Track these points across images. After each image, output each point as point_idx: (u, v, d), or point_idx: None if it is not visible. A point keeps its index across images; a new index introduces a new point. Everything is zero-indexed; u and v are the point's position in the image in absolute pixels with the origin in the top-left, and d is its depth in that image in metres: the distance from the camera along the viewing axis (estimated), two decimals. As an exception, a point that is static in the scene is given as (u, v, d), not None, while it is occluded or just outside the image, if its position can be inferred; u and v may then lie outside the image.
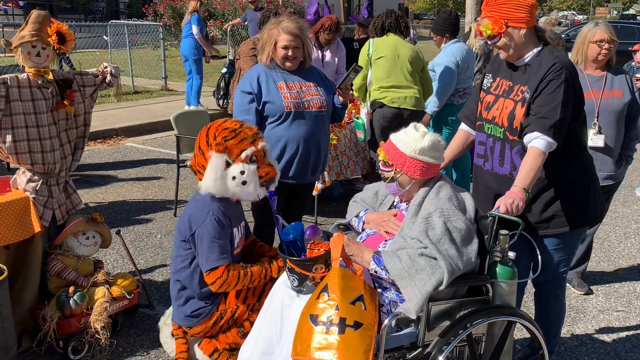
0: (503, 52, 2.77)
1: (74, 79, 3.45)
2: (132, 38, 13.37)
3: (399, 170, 2.62)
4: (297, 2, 20.04)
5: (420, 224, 2.47)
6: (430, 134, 2.63)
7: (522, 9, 2.67)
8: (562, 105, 2.60)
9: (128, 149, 8.28)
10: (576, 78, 2.69)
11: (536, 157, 2.59)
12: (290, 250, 2.78)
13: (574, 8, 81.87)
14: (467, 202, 2.63)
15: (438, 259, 2.36)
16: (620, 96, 3.86)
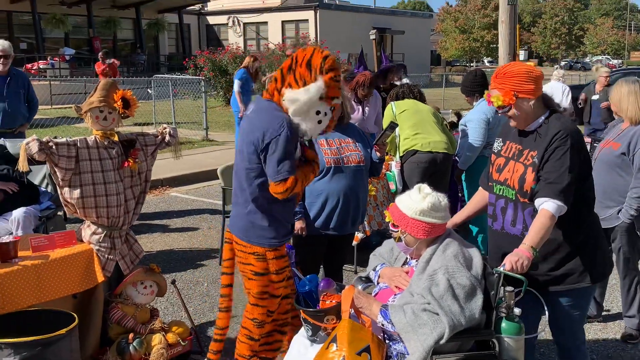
0: (513, 121, 2.92)
1: (137, 139, 3.75)
2: (173, 90, 13.94)
3: (404, 231, 2.78)
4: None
5: (426, 281, 2.61)
6: (432, 196, 2.77)
7: (530, 81, 2.82)
8: (569, 171, 2.74)
9: (173, 199, 8.61)
10: (582, 144, 2.84)
11: (546, 219, 2.71)
12: (306, 301, 2.96)
13: (608, 53, 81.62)
14: (474, 258, 2.74)
15: (440, 314, 2.50)
16: (614, 147, 4.09)
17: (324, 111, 3.02)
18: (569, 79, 34.93)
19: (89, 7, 27.52)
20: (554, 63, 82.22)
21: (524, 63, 2.98)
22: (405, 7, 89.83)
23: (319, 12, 33.56)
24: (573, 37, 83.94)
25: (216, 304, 4.94)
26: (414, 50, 38.57)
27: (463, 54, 53.34)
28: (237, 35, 35.12)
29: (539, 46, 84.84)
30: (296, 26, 33.97)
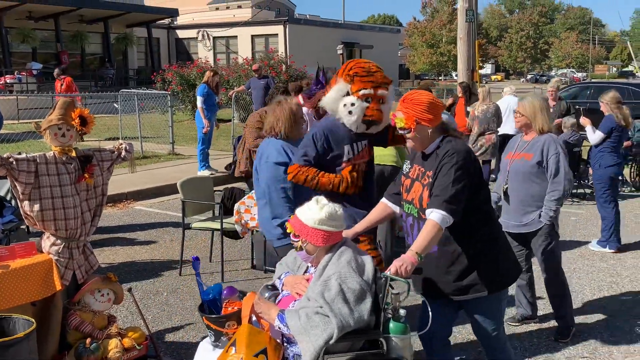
0: (410, 142, 3.19)
1: (93, 155, 3.97)
2: (140, 104, 14.10)
3: (304, 240, 3.00)
4: (299, 69, 20.90)
5: (320, 286, 2.84)
6: (329, 206, 3.01)
7: (431, 111, 3.10)
8: (452, 184, 2.98)
9: (137, 212, 8.79)
10: (470, 162, 3.09)
11: (431, 228, 2.96)
12: (210, 309, 3.18)
13: (573, 66, 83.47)
14: (366, 264, 2.98)
15: (330, 316, 2.73)
16: (528, 158, 4.45)
17: (350, 102, 3.80)
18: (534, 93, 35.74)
19: (57, 21, 27.47)
20: (520, 76, 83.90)
21: (430, 93, 3.22)
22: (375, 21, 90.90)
23: (288, 26, 33.95)
24: (538, 51, 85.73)
25: (174, 312, 5.18)
26: (383, 64, 37.52)
27: (431, 68, 54.22)
28: (207, 49, 35.31)
29: (506, 60, 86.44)
30: (266, 40, 34.30)
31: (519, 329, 4.86)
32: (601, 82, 24.79)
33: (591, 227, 7.87)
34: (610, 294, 5.64)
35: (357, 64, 3.91)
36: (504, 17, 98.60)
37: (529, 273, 4.85)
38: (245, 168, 6.91)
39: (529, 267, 4.86)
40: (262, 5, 39.96)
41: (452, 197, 2.98)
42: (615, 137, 6.78)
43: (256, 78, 14.45)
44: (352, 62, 3.93)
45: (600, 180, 6.86)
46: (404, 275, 2.82)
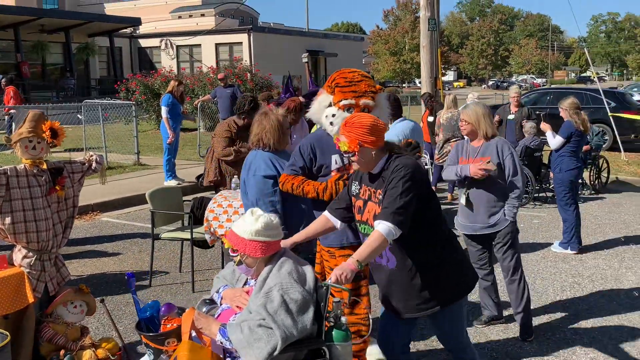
0: (356, 165, 3.21)
1: (64, 167, 3.98)
2: (104, 114, 13.97)
3: (243, 254, 2.99)
4: (264, 77, 20.95)
5: (262, 298, 2.84)
6: (264, 216, 3.02)
7: (374, 133, 3.12)
8: (400, 197, 3.00)
9: (104, 224, 8.72)
10: (419, 175, 3.11)
11: (376, 238, 2.97)
12: (148, 327, 3.13)
13: (532, 72, 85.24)
14: (307, 274, 3.02)
15: (274, 328, 2.74)
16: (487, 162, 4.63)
17: (331, 114, 3.85)
18: (495, 99, 36.46)
19: (17, 31, 27.06)
20: (482, 83, 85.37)
21: (371, 116, 3.26)
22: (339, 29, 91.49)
23: (252, 35, 33.98)
24: (499, 58, 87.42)
25: (146, 322, 5.16)
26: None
27: (395, 75, 54.80)
28: (170, 58, 35.12)
29: (467, 67, 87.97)
30: (230, 49, 34.27)
31: (486, 330, 4.99)
32: (560, 88, 25.44)
33: (553, 230, 8.09)
34: (572, 294, 5.82)
35: (341, 74, 3.95)
36: (465, 24, 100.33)
37: (492, 274, 4.99)
38: (215, 177, 6.93)
39: (492, 269, 5.00)
40: (226, 14, 39.92)
41: (399, 208, 2.99)
42: (574, 142, 7.01)
43: (222, 87, 14.46)
44: (336, 73, 3.97)
45: (561, 183, 7.07)
46: (344, 283, 2.83)
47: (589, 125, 7.39)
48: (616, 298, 5.69)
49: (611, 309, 5.42)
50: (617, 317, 5.24)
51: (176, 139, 10.92)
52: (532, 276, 6.30)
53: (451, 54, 67.69)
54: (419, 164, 3.24)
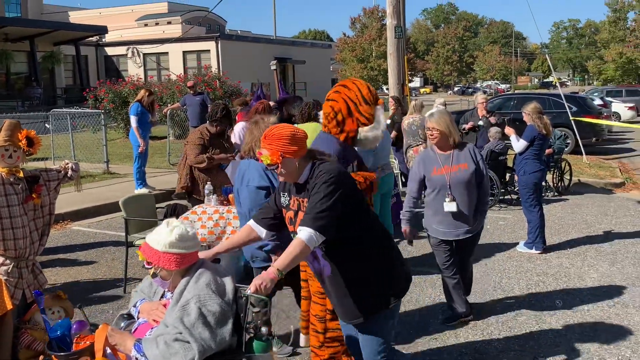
0: (281, 177, 3.19)
1: (40, 175, 4.03)
2: (72, 123, 13.86)
3: (157, 267, 2.92)
4: (233, 85, 21.00)
5: (178, 311, 2.78)
6: (179, 227, 2.93)
7: (294, 143, 3.09)
8: (321, 202, 2.97)
9: (75, 233, 8.69)
10: (343, 179, 3.07)
11: (297, 245, 2.93)
12: (59, 346, 3.00)
13: (497, 78, 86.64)
14: (227, 285, 2.96)
15: (191, 342, 2.70)
16: (466, 168, 4.80)
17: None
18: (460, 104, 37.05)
19: (-21, 40, 26.68)
20: (447, 89, 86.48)
21: (290, 126, 3.23)
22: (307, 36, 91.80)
23: (220, 42, 33.96)
24: (464, 64, 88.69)
25: (122, 328, 5.20)
26: (316, 79, 39.64)
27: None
28: (137, 66, 34.89)
29: (433, 73, 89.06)
30: (198, 56, 34.20)
31: (455, 328, 5.15)
32: (524, 93, 25.95)
33: (518, 231, 8.33)
34: (537, 292, 6.03)
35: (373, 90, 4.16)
36: (430, 31, 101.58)
37: (458, 273, 5.17)
38: (186, 184, 6.98)
39: (457, 268, 5.18)
40: (193, 22, 39.80)
41: (320, 213, 2.96)
42: (537, 145, 7.25)
43: (191, 95, 14.48)
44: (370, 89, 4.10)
45: (525, 185, 7.30)
46: (263, 293, 2.78)
47: (551, 129, 7.63)
48: (579, 295, 5.91)
49: (575, 305, 5.63)
50: (580, 313, 5.45)
51: (146, 146, 10.92)
52: (499, 275, 6.51)
53: (417, 61, 68.48)
54: (344, 170, 3.22)
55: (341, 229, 3.06)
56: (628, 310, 5.50)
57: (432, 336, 4.99)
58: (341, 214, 3.03)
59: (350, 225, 3.11)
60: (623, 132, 23.15)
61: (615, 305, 5.62)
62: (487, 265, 6.84)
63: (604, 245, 7.61)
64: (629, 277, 6.41)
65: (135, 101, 10.84)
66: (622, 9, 60.99)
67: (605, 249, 7.45)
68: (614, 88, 37.16)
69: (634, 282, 6.23)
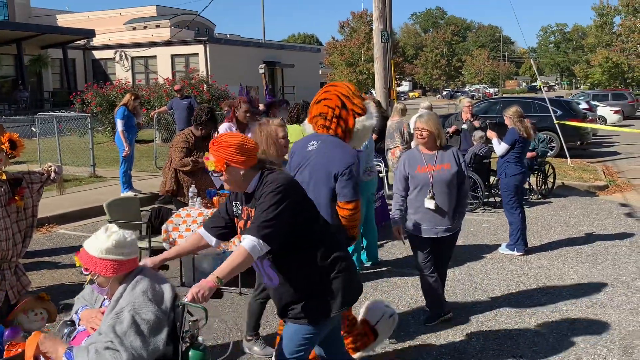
0: (227, 185, 3.19)
1: (23, 177, 4.06)
2: (58, 126, 13.85)
3: (94, 273, 2.88)
4: (220, 88, 21.03)
5: (111, 319, 2.74)
6: (117, 233, 2.90)
7: (242, 153, 3.06)
8: (267, 211, 2.96)
9: (60, 236, 8.70)
10: (291, 190, 3.06)
11: (239, 254, 2.93)
12: None
13: (485, 82, 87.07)
14: (165, 293, 2.89)
15: (121, 351, 2.65)
16: (448, 168, 4.94)
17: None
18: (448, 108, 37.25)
19: (-34, 43, 26.54)
20: (436, 93, 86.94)
21: (241, 135, 3.18)
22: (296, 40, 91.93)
23: (208, 46, 33.96)
24: (452, 68, 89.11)
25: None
26: (304, 83, 39.69)
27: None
28: (125, 69, 34.83)
29: (422, 77, 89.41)
30: (186, 60, 34.17)
31: (434, 327, 5.23)
32: (509, 98, 26.18)
33: (501, 233, 8.43)
34: (518, 292, 6.12)
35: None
36: (419, 35, 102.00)
37: (436, 272, 5.26)
38: (171, 187, 7.02)
39: (436, 267, 5.28)
40: (182, 25, 39.77)
41: (265, 222, 2.95)
42: (518, 148, 7.36)
43: (178, 98, 14.51)
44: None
45: (507, 188, 7.40)
46: (201, 301, 2.78)
47: (533, 132, 7.72)
48: (558, 295, 6.00)
49: (553, 306, 5.73)
50: (558, 313, 5.55)
51: (132, 150, 10.95)
52: (480, 276, 6.59)
53: (406, 65, 68.75)
54: (292, 178, 3.21)
55: (289, 239, 3.05)
56: (606, 310, 5.60)
57: (412, 336, 5.06)
58: (288, 224, 3.01)
59: (299, 236, 3.09)
60: (609, 135, 23.40)
61: (594, 306, 5.71)
62: (470, 267, 6.93)
63: (584, 247, 7.72)
64: (608, 277, 6.51)
65: (121, 105, 10.85)
66: (609, 14, 61.55)
67: (586, 251, 7.56)
68: (600, 92, 37.58)
69: (613, 283, 6.33)
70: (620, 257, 7.27)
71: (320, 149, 3.97)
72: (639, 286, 6.23)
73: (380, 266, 6.94)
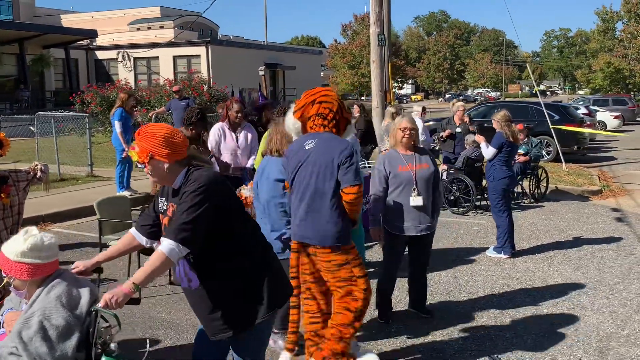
0: (151, 178, 3.09)
1: (9, 176, 4.17)
2: (58, 126, 13.96)
3: (10, 275, 2.84)
4: (220, 90, 21.15)
5: (19, 324, 2.72)
6: (35, 237, 2.85)
7: (167, 146, 2.93)
8: (187, 212, 2.83)
9: (54, 234, 8.77)
10: (214, 190, 2.92)
11: (156, 258, 2.81)
12: None
13: (487, 86, 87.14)
14: (82, 298, 2.85)
15: (24, 356, 2.63)
16: (427, 167, 5.14)
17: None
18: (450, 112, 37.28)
19: (-31, 42, 26.72)
20: (438, 96, 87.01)
21: (169, 127, 3.05)
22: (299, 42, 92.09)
23: (210, 47, 34.13)
24: (455, 72, 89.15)
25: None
26: (306, 85, 39.24)
27: (353, 88, 55.50)
28: (127, 70, 35.00)
29: (424, 80, 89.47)
30: (188, 61, 34.34)
31: (413, 327, 5.32)
32: (508, 102, 26.28)
33: (491, 236, 8.48)
34: (501, 294, 6.19)
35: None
36: (422, 38, 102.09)
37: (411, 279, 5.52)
38: (163, 188, 7.12)
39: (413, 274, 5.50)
40: (185, 26, 39.96)
41: (184, 224, 2.83)
42: (505, 152, 7.44)
43: (177, 99, 14.63)
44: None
45: (494, 191, 7.48)
46: (114, 308, 2.70)
47: (525, 137, 7.86)
48: (541, 298, 6.08)
49: (535, 307, 5.80)
50: (539, 315, 5.63)
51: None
52: (466, 278, 6.67)
53: (408, 68, 68.85)
54: (217, 178, 3.04)
55: (211, 241, 2.94)
56: (586, 312, 5.68)
57: (392, 335, 5.15)
58: (210, 225, 2.90)
59: (222, 237, 2.98)
60: (607, 140, 23.45)
61: (574, 308, 5.79)
62: (456, 269, 7.01)
63: (571, 251, 7.80)
64: (592, 281, 6.59)
65: (118, 107, 10.94)
66: (612, 19, 61.65)
67: (573, 254, 7.64)
68: (600, 97, 37.64)
69: (596, 286, 6.41)
70: (605, 260, 7.35)
71: (319, 145, 4.11)
72: (621, 289, 6.31)
73: (368, 267, 6.99)
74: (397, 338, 5.11)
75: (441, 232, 8.66)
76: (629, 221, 9.59)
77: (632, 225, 9.26)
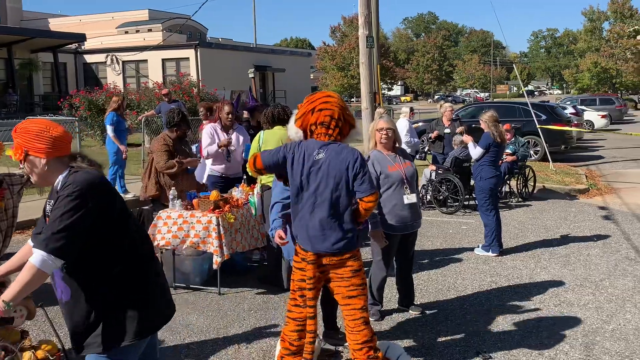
0: (32, 178, 2.81)
1: (3, 179, 4.22)
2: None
3: None
4: (210, 93, 21.19)
5: None
6: None
7: (42, 141, 2.70)
8: (60, 220, 2.58)
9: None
10: (93, 194, 2.65)
11: (27, 271, 2.61)
12: None
13: (476, 86, 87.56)
14: None
15: None
16: (410, 165, 5.32)
17: None
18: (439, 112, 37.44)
19: (-44, 46, 26.59)
20: (427, 97, 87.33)
21: (46, 121, 2.81)
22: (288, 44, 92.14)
23: (199, 50, 34.07)
24: (443, 73, 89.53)
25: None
26: (296, 87, 39.79)
27: (342, 90, 55.61)
28: (116, 73, 34.91)
29: (413, 82, 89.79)
30: (177, 64, 34.28)
31: (403, 322, 5.43)
32: (496, 102, 26.48)
33: (479, 235, 8.60)
34: (489, 292, 6.30)
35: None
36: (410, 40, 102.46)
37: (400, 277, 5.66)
38: (156, 192, 7.14)
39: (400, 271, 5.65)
40: (174, 29, 39.91)
41: (57, 234, 2.58)
42: (492, 152, 7.56)
43: (166, 102, 14.67)
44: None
45: (481, 191, 7.60)
46: None
47: (512, 136, 7.97)
48: (528, 295, 6.19)
49: (522, 304, 5.91)
50: (526, 311, 5.73)
51: (117, 156, 11.09)
52: (454, 277, 6.78)
53: (397, 69, 69.09)
54: (98, 181, 2.73)
55: (88, 250, 2.69)
56: (572, 308, 5.79)
57: (381, 331, 5.24)
58: (85, 233, 2.64)
59: (100, 246, 2.72)
60: (595, 139, 23.69)
61: (561, 304, 5.90)
62: (445, 268, 7.12)
63: (558, 249, 7.93)
64: (578, 278, 6.71)
65: (111, 110, 10.99)
66: (599, 19, 62.18)
67: (560, 252, 7.76)
68: (588, 97, 38.00)
69: (582, 283, 6.52)
70: (592, 258, 7.48)
71: (330, 157, 4.08)
72: (607, 286, 6.43)
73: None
74: (386, 333, 5.20)
75: (430, 232, 8.79)
76: (616, 219, 9.74)
77: (619, 223, 9.40)
